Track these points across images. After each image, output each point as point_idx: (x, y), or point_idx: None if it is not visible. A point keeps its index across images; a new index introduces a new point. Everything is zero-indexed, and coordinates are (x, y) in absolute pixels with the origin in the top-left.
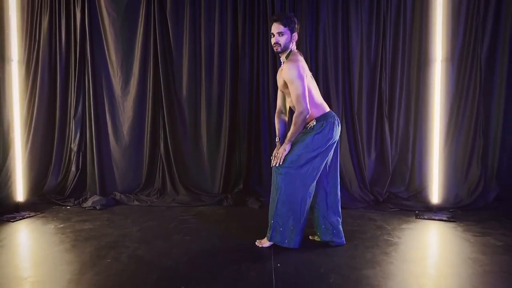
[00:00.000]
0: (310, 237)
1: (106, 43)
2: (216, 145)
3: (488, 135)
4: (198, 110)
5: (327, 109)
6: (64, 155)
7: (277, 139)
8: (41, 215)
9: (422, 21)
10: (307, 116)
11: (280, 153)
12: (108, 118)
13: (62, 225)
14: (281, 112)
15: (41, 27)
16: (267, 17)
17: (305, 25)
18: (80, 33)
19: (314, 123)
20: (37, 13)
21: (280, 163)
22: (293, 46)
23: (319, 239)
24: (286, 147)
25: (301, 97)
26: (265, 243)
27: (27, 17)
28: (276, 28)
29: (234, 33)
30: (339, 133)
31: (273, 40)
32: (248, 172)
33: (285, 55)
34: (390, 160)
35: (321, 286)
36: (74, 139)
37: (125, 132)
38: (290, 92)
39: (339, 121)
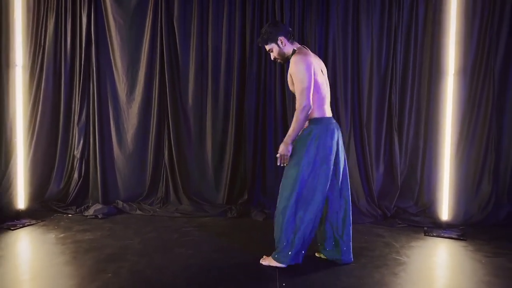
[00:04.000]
0: (317, 254)
1: (112, 48)
2: (221, 155)
3: (500, 150)
4: (203, 119)
5: (328, 114)
6: (67, 161)
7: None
8: (41, 223)
9: (434, 33)
10: (309, 112)
11: (282, 151)
12: (112, 125)
13: (62, 235)
14: None
15: (47, 31)
16: None
17: (315, 35)
18: (86, 38)
19: (307, 124)
20: (42, 17)
21: (285, 164)
22: (292, 47)
23: (325, 257)
24: (289, 147)
25: (305, 90)
26: (271, 261)
27: (33, 21)
28: (266, 48)
29: (241, 41)
30: (336, 139)
31: (272, 57)
32: (253, 183)
33: (289, 58)
34: (399, 174)
35: None
36: (78, 145)
37: (129, 140)
38: (295, 86)
39: (338, 127)
